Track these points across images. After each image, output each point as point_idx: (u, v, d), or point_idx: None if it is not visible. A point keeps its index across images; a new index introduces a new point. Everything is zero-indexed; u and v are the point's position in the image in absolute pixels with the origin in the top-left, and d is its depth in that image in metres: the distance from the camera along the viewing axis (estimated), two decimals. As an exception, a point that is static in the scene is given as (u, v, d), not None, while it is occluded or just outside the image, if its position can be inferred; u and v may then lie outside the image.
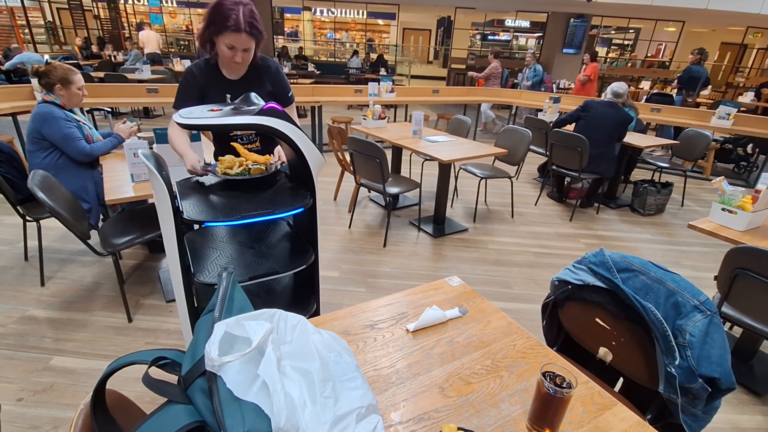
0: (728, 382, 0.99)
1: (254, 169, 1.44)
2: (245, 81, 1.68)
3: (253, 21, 1.49)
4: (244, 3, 1.48)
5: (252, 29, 1.49)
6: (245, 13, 1.46)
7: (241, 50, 1.52)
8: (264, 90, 1.69)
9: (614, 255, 1.19)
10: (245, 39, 1.50)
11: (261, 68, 1.70)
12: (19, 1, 12.21)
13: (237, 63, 1.57)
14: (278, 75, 1.74)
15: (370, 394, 0.73)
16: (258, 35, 1.53)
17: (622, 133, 3.81)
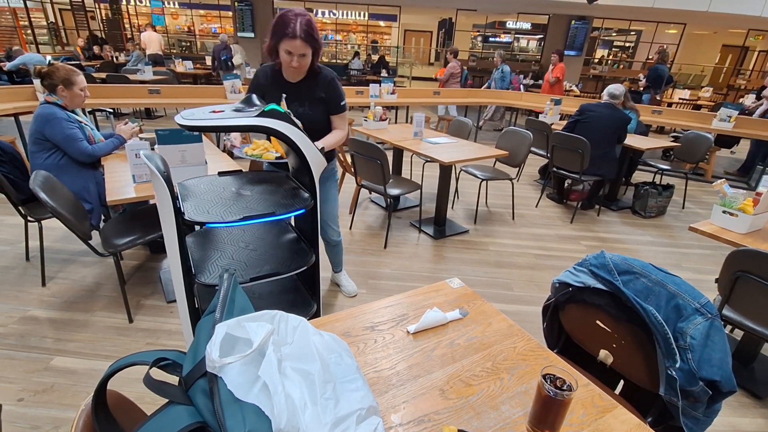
0: (729, 385, 0.99)
1: (266, 155, 1.64)
2: (301, 84, 1.89)
3: (309, 30, 1.66)
4: (302, 15, 1.65)
5: (307, 36, 1.65)
6: (302, 23, 1.64)
7: (297, 55, 1.69)
8: (316, 95, 1.89)
9: (615, 257, 1.19)
10: (300, 45, 1.66)
11: (318, 76, 1.88)
12: (21, 2, 12.25)
13: (294, 67, 1.73)
14: (332, 84, 1.92)
15: (370, 396, 0.73)
16: (313, 42, 1.69)
17: (622, 135, 3.81)
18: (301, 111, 1.90)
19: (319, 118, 1.94)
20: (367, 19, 15.43)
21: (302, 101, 1.90)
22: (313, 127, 1.88)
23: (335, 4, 14.34)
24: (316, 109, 1.92)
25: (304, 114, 1.89)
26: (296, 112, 1.85)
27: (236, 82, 5.00)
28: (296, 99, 1.89)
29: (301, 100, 1.90)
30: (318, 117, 1.94)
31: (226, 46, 8.90)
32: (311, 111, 1.91)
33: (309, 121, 1.85)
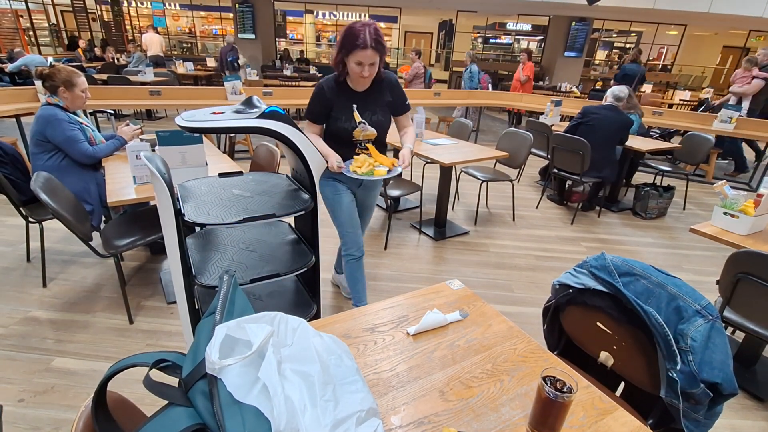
0: (730, 387, 0.98)
1: (378, 171, 1.68)
2: (369, 92, 1.89)
3: (378, 38, 1.68)
4: (368, 24, 1.68)
5: (377, 45, 1.67)
6: (371, 33, 1.66)
7: (368, 65, 1.70)
8: (384, 100, 1.92)
9: (615, 259, 1.19)
10: (371, 54, 1.67)
11: (383, 81, 1.91)
12: (23, 4, 12.29)
13: (365, 77, 1.74)
14: (397, 86, 1.96)
15: (370, 398, 0.73)
16: (382, 49, 1.71)
17: (624, 137, 3.80)
18: (375, 119, 1.90)
19: (388, 122, 1.98)
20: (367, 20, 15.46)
21: (373, 109, 1.91)
22: (383, 131, 1.96)
23: (336, 6, 14.37)
24: (386, 115, 1.95)
25: (377, 121, 1.91)
26: (370, 121, 1.88)
27: (237, 83, 5.01)
28: (367, 107, 1.89)
29: (372, 107, 1.91)
30: (388, 121, 1.98)
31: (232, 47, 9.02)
32: (383, 117, 1.93)
33: (381, 127, 1.93)
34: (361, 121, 1.88)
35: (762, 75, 5.14)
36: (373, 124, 1.90)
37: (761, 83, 5.16)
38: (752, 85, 5.22)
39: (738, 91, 5.45)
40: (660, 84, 12.47)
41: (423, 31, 17.40)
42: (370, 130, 1.89)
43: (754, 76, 5.21)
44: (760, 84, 5.17)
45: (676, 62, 14.06)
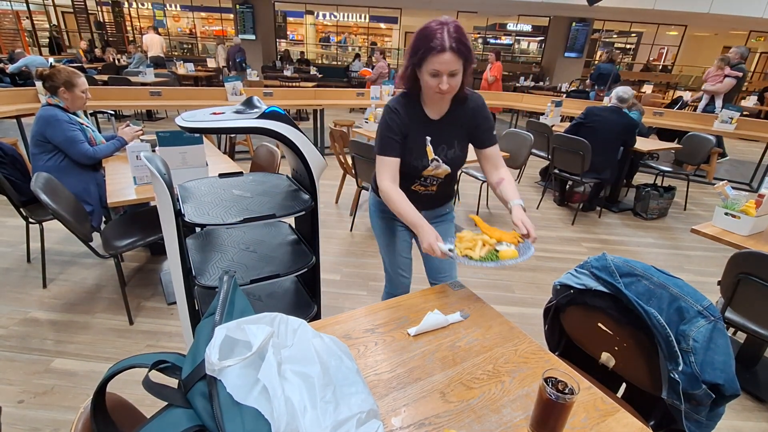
0: (732, 388, 0.98)
1: (504, 253, 1.15)
2: (446, 119, 1.43)
3: (460, 37, 1.24)
4: (447, 22, 1.26)
5: (459, 46, 1.23)
6: (450, 31, 1.23)
7: (447, 74, 1.25)
8: (465, 128, 1.45)
9: (617, 259, 1.19)
10: (450, 59, 1.23)
11: (466, 104, 1.42)
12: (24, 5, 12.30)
13: (442, 92, 1.28)
14: (483, 109, 1.45)
15: (370, 399, 0.72)
16: (466, 54, 1.25)
17: (629, 140, 3.76)
18: (451, 155, 1.45)
19: (465, 156, 1.51)
20: (367, 21, 15.46)
21: (450, 141, 1.44)
22: (457, 168, 1.51)
23: (336, 7, 14.38)
24: (464, 148, 1.49)
25: (454, 158, 1.46)
26: (445, 157, 1.45)
27: (237, 84, 5.01)
28: (443, 140, 1.44)
29: (449, 139, 1.44)
30: (465, 155, 1.51)
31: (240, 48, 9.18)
32: (461, 152, 1.48)
33: (456, 165, 1.48)
34: (434, 158, 1.43)
35: (733, 74, 5.25)
36: (449, 161, 1.45)
37: (733, 81, 5.27)
38: (724, 83, 5.33)
39: (710, 89, 5.53)
40: (660, 85, 12.46)
41: (423, 31, 17.39)
42: (443, 168, 1.45)
43: (726, 74, 5.31)
44: (732, 82, 5.29)
45: (676, 63, 14.05)
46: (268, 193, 1.50)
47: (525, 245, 1.22)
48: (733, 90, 5.39)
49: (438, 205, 1.62)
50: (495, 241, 1.20)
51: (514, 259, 1.14)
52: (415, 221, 1.31)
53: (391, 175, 1.39)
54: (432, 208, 1.61)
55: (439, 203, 1.61)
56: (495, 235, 1.22)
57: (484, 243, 1.19)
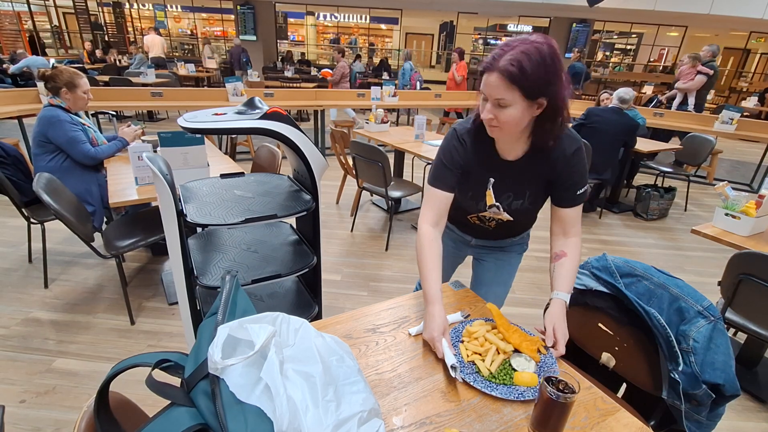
0: (733, 388, 0.98)
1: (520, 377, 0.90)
2: (524, 163, 1.14)
3: (523, 61, 0.92)
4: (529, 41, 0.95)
5: (513, 69, 0.93)
6: (518, 50, 0.94)
7: (493, 101, 0.99)
8: (543, 178, 1.15)
9: (617, 260, 1.19)
10: (495, 82, 0.96)
11: (553, 151, 1.10)
12: (25, 6, 12.33)
13: (487, 123, 1.04)
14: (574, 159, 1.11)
15: (372, 398, 0.73)
16: (523, 82, 0.94)
17: (630, 141, 3.76)
18: (516, 206, 1.21)
19: (537, 210, 1.26)
20: (368, 22, 15.48)
21: (520, 190, 1.19)
22: (526, 220, 1.30)
23: (337, 8, 14.40)
24: (537, 200, 1.22)
25: (519, 210, 1.22)
26: (509, 207, 1.21)
27: (238, 84, 5.02)
28: (511, 188, 1.18)
29: (519, 188, 1.18)
30: (537, 209, 1.26)
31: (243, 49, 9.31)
32: (531, 205, 1.22)
33: (524, 216, 1.26)
34: (493, 205, 1.21)
35: (704, 70, 5.34)
36: (511, 212, 1.22)
37: (704, 78, 5.37)
38: (696, 80, 5.42)
39: (683, 87, 5.65)
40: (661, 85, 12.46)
41: (424, 32, 17.43)
42: (504, 216, 1.24)
43: (698, 71, 5.41)
44: (703, 79, 5.37)
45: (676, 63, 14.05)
46: (270, 194, 1.50)
47: (546, 363, 0.95)
48: (705, 87, 5.51)
49: (497, 237, 1.40)
50: (512, 349, 0.96)
51: (531, 387, 0.88)
52: (429, 295, 1.06)
53: (435, 213, 1.18)
54: (486, 238, 1.42)
55: (497, 236, 1.39)
56: (513, 339, 0.97)
57: (499, 350, 0.96)
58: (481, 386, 0.88)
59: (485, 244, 1.47)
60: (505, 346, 0.96)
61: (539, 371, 0.93)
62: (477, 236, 1.43)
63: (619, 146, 3.78)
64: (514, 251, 1.48)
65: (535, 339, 0.99)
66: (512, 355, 0.96)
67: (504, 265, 1.48)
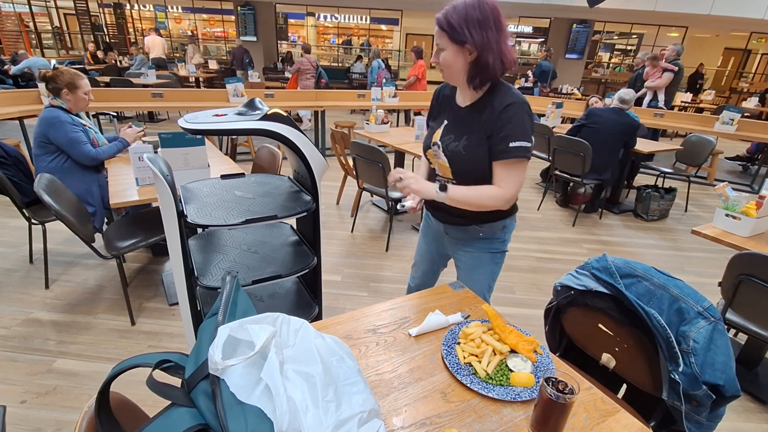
0: (733, 389, 0.98)
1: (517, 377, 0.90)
2: (471, 109, 1.28)
3: (448, 9, 1.17)
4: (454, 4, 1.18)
5: (443, 20, 1.17)
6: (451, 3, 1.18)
7: (436, 46, 1.23)
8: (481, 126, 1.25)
9: (617, 260, 1.19)
10: (437, 31, 1.20)
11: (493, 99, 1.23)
12: (26, 7, 12.35)
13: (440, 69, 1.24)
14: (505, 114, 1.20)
15: (372, 399, 0.73)
16: (449, 31, 1.16)
17: (631, 141, 3.77)
18: (452, 148, 1.29)
19: (477, 161, 1.27)
20: (368, 23, 15.49)
21: (459, 134, 1.29)
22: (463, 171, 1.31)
23: (337, 8, 14.41)
24: (476, 149, 1.26)
25: (454, 152, 1.29)
26: (446, 149, 1.31)
27: (239, 85, 5.03)
28: (455, 130, 1.31)
29: (460, 131, 1.30)
30: (477, 159, 1.27)
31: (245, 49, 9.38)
32: (467, 151, 1.27)
33: (459, 162, 1.30)
34: (435, 142, 1.34)
35: (669, 67, 5.61)
36: (449, 154, 1.30)
37: (671, 75, 5.63)
38: (663, 78, 5.68)
39: (652, 85, 5.90)
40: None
41: (424, 33, 17.43)
42: (442, 159, 1.33)
43: (663, 68, 5.67)
44: (670, 76, 5.64)
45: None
46: (270, 195, 1.50)
47: (542, 363, 0.96)
48: (673, 83, 5.80)
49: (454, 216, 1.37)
50: (508, 349, 0.97)
51: (527, 388, 0.89)
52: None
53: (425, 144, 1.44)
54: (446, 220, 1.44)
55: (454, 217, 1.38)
56: (510, 340, 0.98)
57: (495, 351, 0.97)
58: (478, 388, 0.88)
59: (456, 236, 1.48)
60: (502, 347, 0.97)
61: (536, 371, 0.94)
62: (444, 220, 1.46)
63: (620, 146, 3.78)
64: (484, 249, 1.44)
65: (532, 339, 1.00)
66: (508, 355, 0.97)
67: (475, 266, 1.48)
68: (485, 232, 1.41)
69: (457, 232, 1.46)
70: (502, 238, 1.44)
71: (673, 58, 5.75)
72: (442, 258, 1.64)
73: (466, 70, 1.22)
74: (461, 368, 0.94)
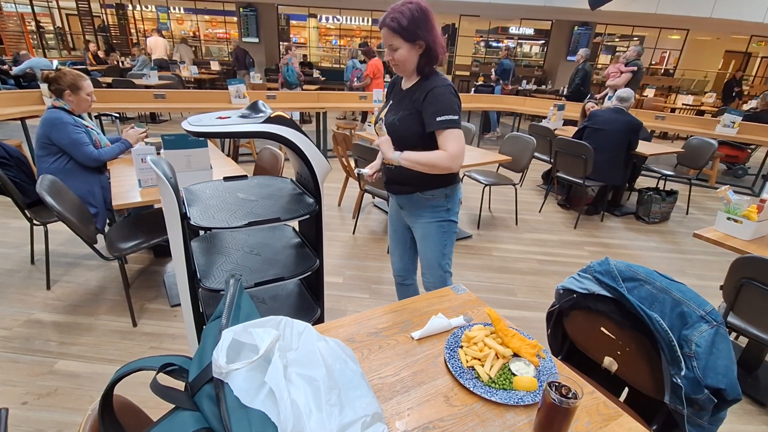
0: (734, 393, 0.98)
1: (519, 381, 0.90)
2: (409, 91, 1.55)
3: (396, 15, 1.39)
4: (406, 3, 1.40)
5: (391, 21, 1.39)
6: (395, 8, 1.40)
7: (388, 46, 1.45)
8: (415, 104, 1.49)
9: (619, 264, 1.19)
10: (385, 34, 1.43)
11: (426, 82, 1.49)
12: (29, 7, 12.39)
13: (391, 64, 1.50)
14: (433, 93, 1.46)
15: (375, 403, 0.73)
16: (399, 30, 1.39)
17: (633, 140, 3.77)
18: (390, 120, 1.55)
19: (410, 134, 1.51)
20: (370, 24, 15.51)
21: (398, 109, 1.56)
22: (396, 142, 1.53)
23: (339, 10, 14.44)
24: (411, 123, 1.51)
25: (391, 123, 1.55)
26: (386, 122, 1.57)
27: (241, 86, 5.04)
28: (395, 107, 1.58)
29: (397, 108, 1.56)
30: (410, 132, 1.51)
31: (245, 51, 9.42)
32: (402, 124, 1.52)
33: (395, 134, 1.53)
34: (380, 118, 1.61)
35: (627, 69, 6.01)
36: (387, 125, 1.56)
37: (629, 75, 6.00)
38: (621, 78, 6.03)
39: (611, 84, 6.25)
40: (662, 88, 12.45)
41: (425, 35, 17.45)
42: (383, 130, 1.58)
43: (621, 70, 6.06)
44: (628, 77, 6.00)
45: (678, 67, 14.06)
46: (273, 197, 1.51)
47: (545, 367, 0.96)
48: (632, 83, 6.07)
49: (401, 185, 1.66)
50: (511, 353, 0.97)
51: (530, 392, 0.89)
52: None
53: None
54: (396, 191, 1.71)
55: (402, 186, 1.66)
56: (513, 343, 0.97)
57: (498, 355, 0.96)
58: (481, 392, 0.88)
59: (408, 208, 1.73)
60: (504, 351, 0.96)
61: (539, 375, 0.93)
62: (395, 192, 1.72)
63: (624, 146, 3.77)
64: (432, 218, 1.69)
65: (534, 343, 1.00)
66: (511, 359, 0.97)
67: (426, 235, 1.72)
68: (429, 199, 1.65)
69: (409, 204, 1.71)
70: (446, 206, 1.69)
71: (633, 58, 6.05)
72: (408, 232, 1.83)
73: (416, 62, 1.48)
74: (464, 372, 0.94)
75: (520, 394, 0.88)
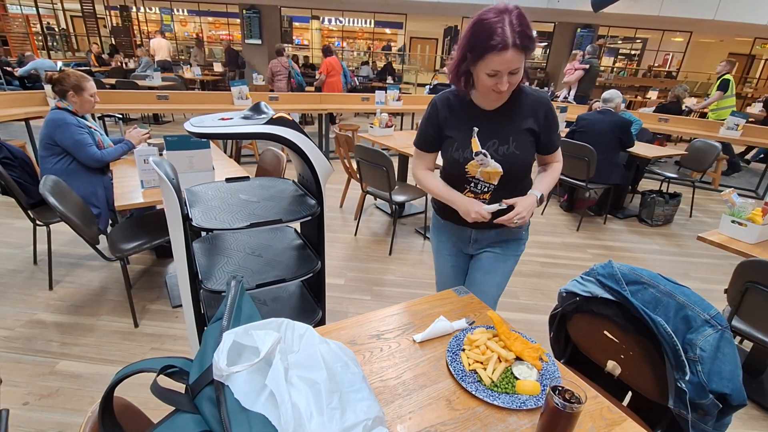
0: (739, 398, 0.97)
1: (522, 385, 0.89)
2: (501, 111, 1.30)
3: (524, 29, 1.11)
4: (509, 10, 1.11)
5: (523, 40, 1.10)
6: (512, 23, 1.10)
7: (507, 74, 1.14)
8: (524, 124, 1.29)
9: (623, 267, 1.18)
10: (512, 57, 1.11)
11: (525, 96, 1.30)
12: (34, 9, 12.47)
13: (501, 92, 1.19)
14: (548, 108, 1.31)
15: (376, 406, 0.72)
16: (528, 46, 1.12)
17: (625, 139, 3.74)
18: (503, 151, 1.29)
19: (528, 158, 1.34)
20: (373, 26, 15.55)
21: (504, 136, 1.30)
22: (517, 170, 1.34)
23: (342, 12, 14.48)
24: (526, 148, 1.31)
25: (507, 155, 1.30)
26: (495, 153, 1.30)
27: (243, 88, 5.05)
28: (495, 134, 1.30)
29: (503, 134, 1.30)
30: (528, 156, 1.33)
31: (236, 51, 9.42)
32: (519, 150, 1.30)
33: (513, 164, 1.31)
34: (480, 151, 1.30)
35: (580, 67, 6.48)
36: (499, 158, 1.29)
37: (581, 73, 6.49)
38: (574, 75, 6.56)
39: (565, 80, 6.80)
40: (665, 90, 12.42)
41: (428, 36, 17.48)
42: (492, 166, 1.30)
43: (575, 68, 6.53)
44: (580, 74, 6.50)
45: (681, 69, 14.02)
46: (275, 198, 1.50)
47: (548, 371, 0.95)
48: (588, 81, 6.55)
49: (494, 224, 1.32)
50: (513, 356, 0.96)
51: (533, 396, 0.88)
52: (449, 197, 1.35)
53: (425, 165, 1.46)
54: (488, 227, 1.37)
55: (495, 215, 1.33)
56: (515, 347, 0.97)
57: (500, 359, 0.96)
58: (483, 395, 0.88)
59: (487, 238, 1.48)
60: (507, 354, 0.96)
61: (541, 379, 0.93)
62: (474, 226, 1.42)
63: (616, 145, 3.76)
64: (514, 252, 1.50)
65: (537, 347, 0.99)
66: (514, 363, 0.96)
67: (495, 265, 1.48)
68: (517, 231, 1.47)
69: (492, 234, 1.46)
70: (525, 238, 1.52)
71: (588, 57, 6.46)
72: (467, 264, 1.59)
73: None
74: (466, 375, 0.93)
75: (522, 398, 0.87)
